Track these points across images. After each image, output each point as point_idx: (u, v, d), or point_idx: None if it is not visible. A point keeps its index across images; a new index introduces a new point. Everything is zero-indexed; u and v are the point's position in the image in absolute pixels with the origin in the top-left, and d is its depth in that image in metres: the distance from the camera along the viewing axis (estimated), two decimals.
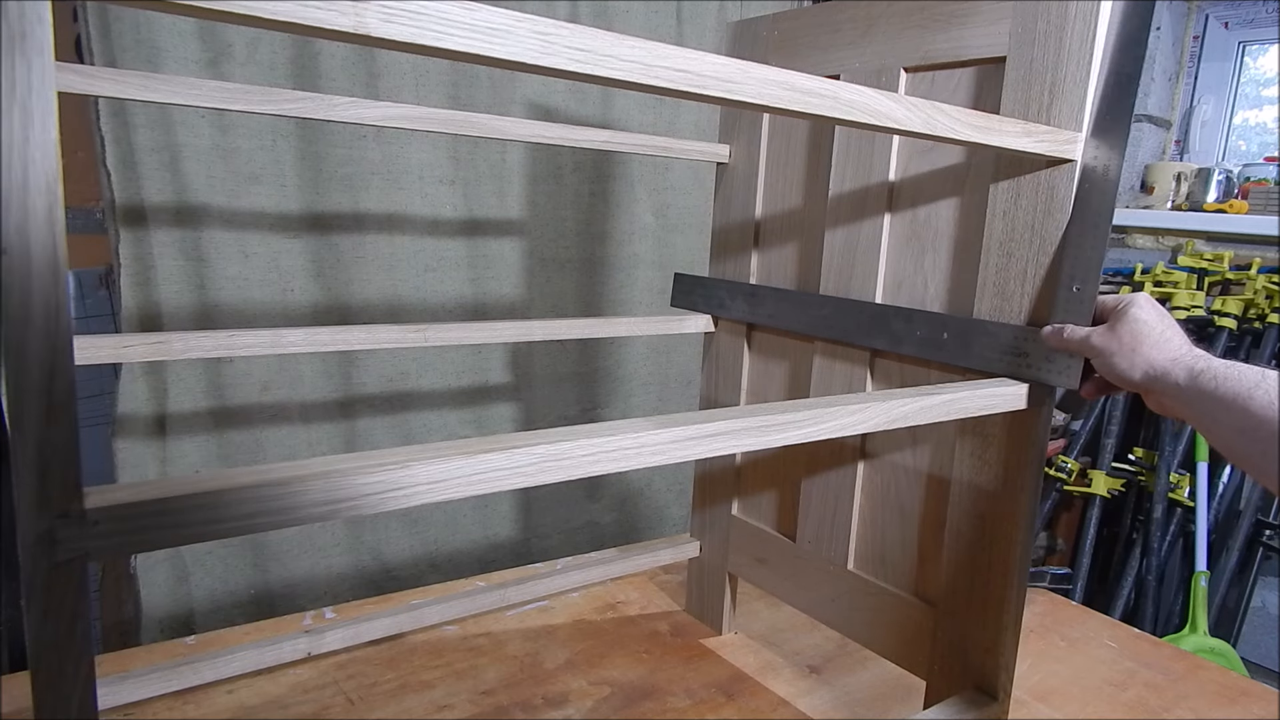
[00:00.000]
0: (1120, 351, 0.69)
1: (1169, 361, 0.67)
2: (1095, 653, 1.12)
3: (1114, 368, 0.69)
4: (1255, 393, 0.61)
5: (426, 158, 1.41)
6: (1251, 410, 0.61)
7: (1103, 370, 0.71)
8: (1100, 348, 0.70)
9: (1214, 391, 0.63)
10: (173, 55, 1.18)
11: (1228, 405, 0.62)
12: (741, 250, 1.06)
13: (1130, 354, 0.68)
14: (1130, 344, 0.68)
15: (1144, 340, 0.68)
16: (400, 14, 0.38)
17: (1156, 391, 0.68)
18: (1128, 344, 0.68)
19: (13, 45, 0.31)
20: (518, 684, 0.98)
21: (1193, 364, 0.66)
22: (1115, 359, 0.69)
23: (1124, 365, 0.69)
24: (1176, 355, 0.67)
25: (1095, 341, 0.70)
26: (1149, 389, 0.69)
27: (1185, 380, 0.65)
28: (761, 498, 1.08)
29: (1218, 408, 0.63)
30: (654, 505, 1.81)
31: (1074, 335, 0.72)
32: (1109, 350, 0.69)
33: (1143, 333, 0.68)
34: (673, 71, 0.48)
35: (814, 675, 1.04)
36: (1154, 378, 0.67)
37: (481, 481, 0.46)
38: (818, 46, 0.95)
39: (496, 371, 1.57)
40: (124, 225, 1.19)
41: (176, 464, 1.28)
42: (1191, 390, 0.65)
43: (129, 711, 0.87)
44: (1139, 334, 0.68)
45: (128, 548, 0.37)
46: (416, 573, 1.51)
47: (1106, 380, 0.72)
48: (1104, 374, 0.71)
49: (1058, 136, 0.72)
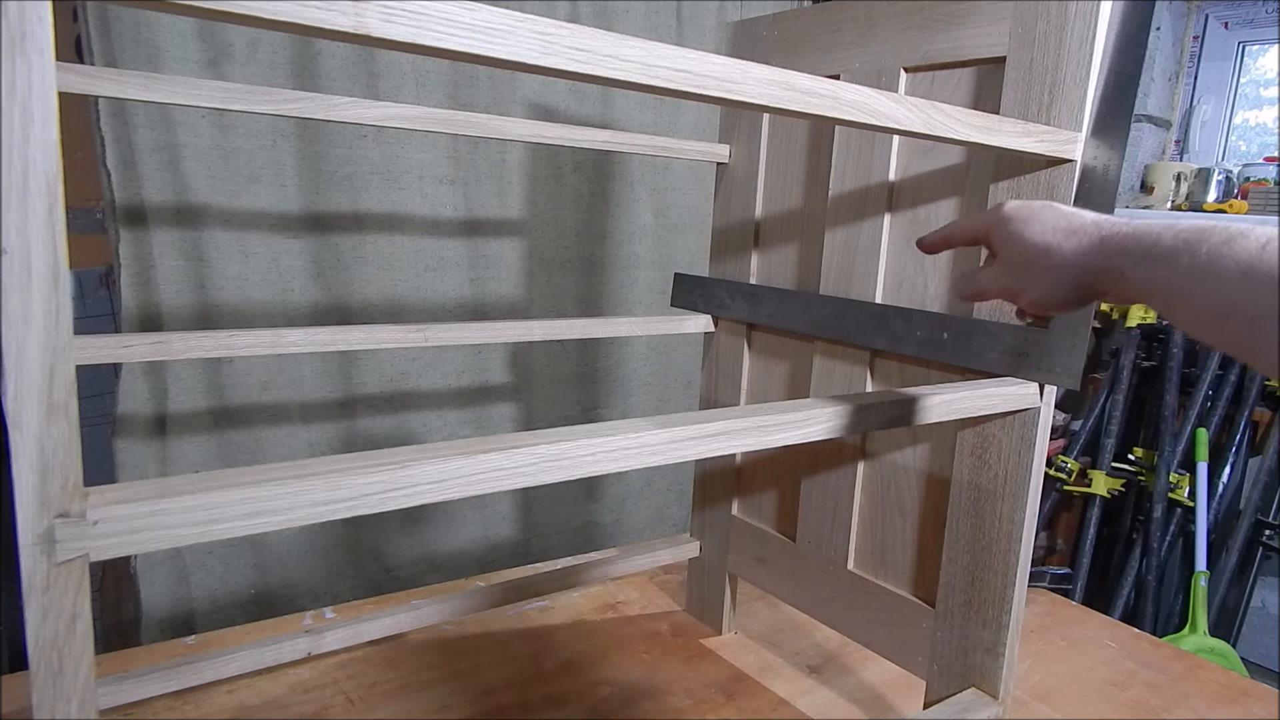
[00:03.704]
0: (1026, 283, 0.56)
1: (1078, 254, 0.52)
2: (1095, 653, 1.12)
3: (1040, 302, 0.56)
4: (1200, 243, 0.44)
5: (426, 158, 1.41)
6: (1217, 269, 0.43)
7: (1032, 308, 0.58)
8: (1001, 289, 0.59)
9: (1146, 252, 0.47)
10: (173, 55, 1.18)
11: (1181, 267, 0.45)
12: (741, 250, 1.06)
13: (1038, 279, 0.55)
14: (1026, 267, 0.56)
15: (1036, 252, 0.55)
16: (400, 14, 0.38)
17: (1100, 293, 0.53)
18: (1024, 269, 0.56)
19: (13, 45, 0.31)
20: (518, 684, 0.98)
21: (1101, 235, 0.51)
22: (1029, 293, 0.56)
23: (1039, 294, 0.55)
24: (1079, 243, 0.52)
25: (991, 285, 0.60)
26: (1087, 298, 0.54)
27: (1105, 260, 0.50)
28: (761, 498, 1.08)
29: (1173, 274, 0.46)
30: (654, 505, 1.81)
31: (970, 289, 0.62)
32: (1014, 288, 0.58)
33: (1029, 243, 0.55)
34: (673, 71, 0.48)
35: (814, 675, 1.04)
36: (1082, 285, 0.53)
37: (481, 481, 0.46)
38: (818, 46, 0.95)
39: (496, 371, 1.57)
40: (124, 225, 1.19)
41: (176, 464, 1.28)
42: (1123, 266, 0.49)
43: (129, 711, 0.87)
44: (1026, 247, 0.55)
45: (128, 548, 0.37)
46: (416, 573, 1.51)
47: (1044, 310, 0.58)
48: (1034, 310, 0.58)
49: (1057, 136, 0.72)
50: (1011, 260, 0.57)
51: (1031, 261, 0.55)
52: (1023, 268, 0.56)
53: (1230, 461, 2.13)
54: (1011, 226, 0.57)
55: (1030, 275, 0.56)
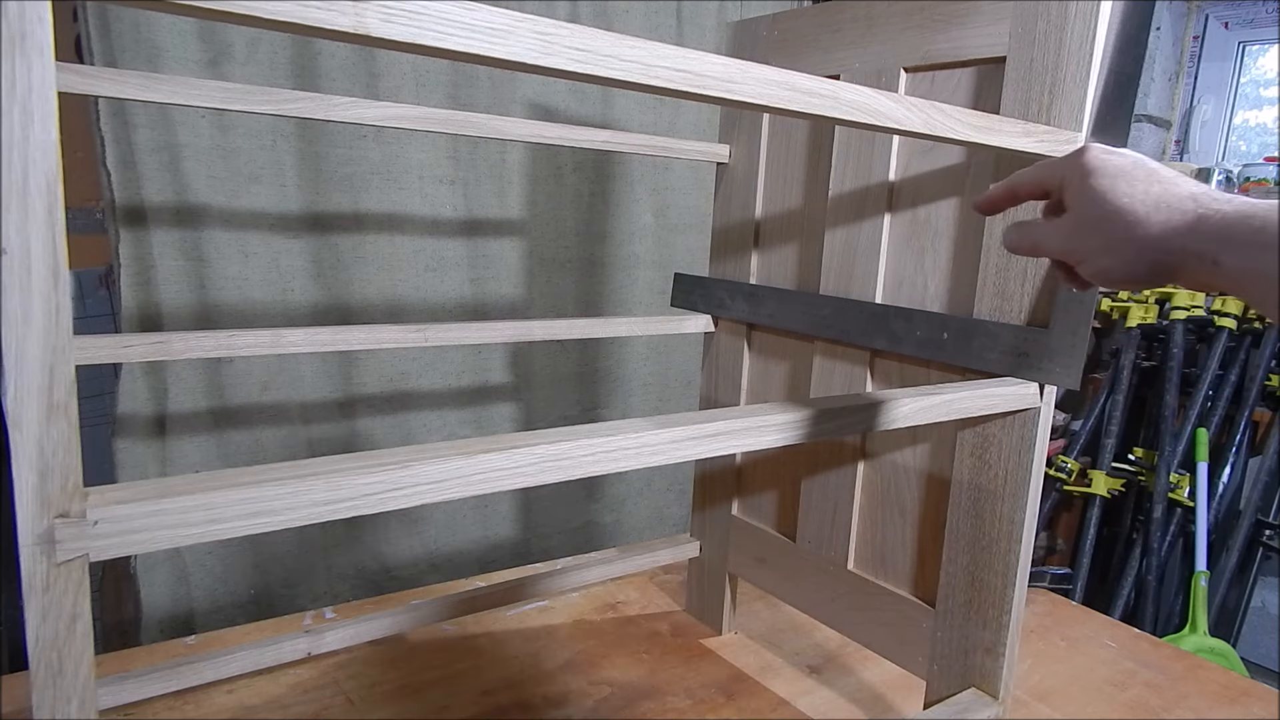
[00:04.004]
0: (1095, 250, 0.48)
1: (1166, 232, 0.45)
2: (1095, 653, 1.12)
3: (1105, 275, 0.49)
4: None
5: (426, 158, 1.41)
6: None
7: (1094, 278, 0.50)
8: (1063, 250, 0.51)
9: None
10: (173, 55, 1.18)
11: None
12: (741, 250, 1.06)
13: (1111, 250, 0.48)
14: (1100, 233, 0.48)
15: (1117, 218, 0.47)
16: (400, 14, 0.38)
17: (1177, 277, 0.46)
18: (1097, 234, 0.48)
19: (13, 45, 0.31)
20: (518, 684, 0.98)
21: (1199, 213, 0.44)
22: (1096, 262, 0.49)
23: (1109, 265, 0.48)
24: (1170, 219, 0.45)
25: (1050, 242, 0.52)
26: (1160, 279, 0.47)
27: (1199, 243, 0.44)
28: (761, 498, 1.08)
29: None
30: (654, 505, 1.81)
31: (1024, 242, 0.54)
32: (1079, 252, 0.50)
33: (1111, 206, 0.47)
34: (673, 71, 0.48)
35: (814, 675, 1.04)
36: (1160, 265, 0.46)
37: (481, 481, 0.46)
38: (818, 46, 0.95)
39: (497, 372, 1.57)
40: (124, 225, 1.19)
41: (176, 464, 1.28)
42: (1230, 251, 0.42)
43: (129, 711, 0.87)
44: (1106, 210, 0.47)
45: (128, 548, 0.37)
46: (416, 573, 1.51)
47: (1107, 284, 0.51)
48: (1095, 281, 0.51)
49: (1058, 136, 0.72)
50: (1084, 220, 0.49)
51: (1109, 228, 0.47)
52: (1096, 233, 0.48)
53: (1230, 461, 2.13)
54: (1093, 181, 0.48)
55: (1102, 243, 0.48)
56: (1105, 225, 0.47)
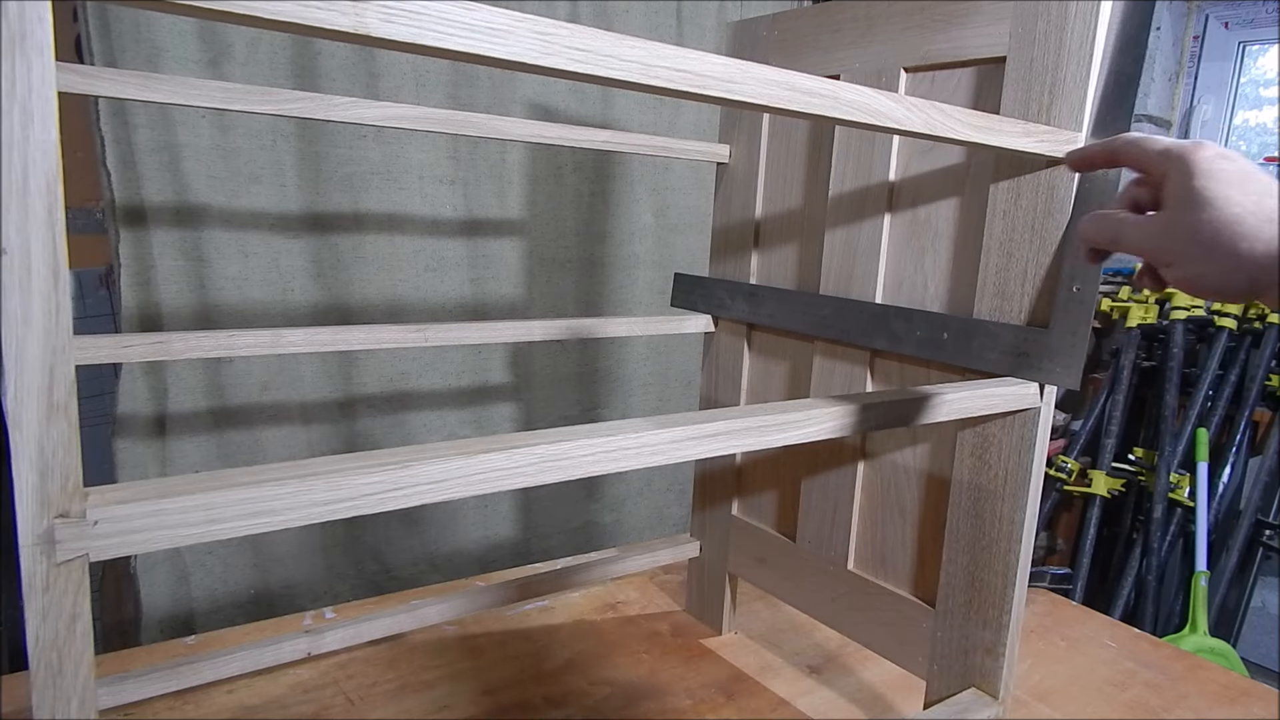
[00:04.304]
0: (1190, 257, 0.45)
1: (1273, 250, 0.43)
2: (1095, 653, 1.12)
3: (1195, 284, 0.46)
4: None
5: (426, 158, 1.41)
6: None
7: (1179, 285, 0.47)
8: (1151, 250, 0.48)
9: None
10: (173, 55, 1.18)
11: None
12: (741, 250, 1.06)
13: (1210, 260, 0.45)
14: (1200, 241, 0.45)
15: (1224, 227, 0.44)
16: (400, 14, 0.38)
17: (1271, 296, 0.44)
18: (1196, 240, 0.45)
19: (13, 45, 0.31)
20: (518, 684, 0.98)
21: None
22: (1187, 268, 0.46)
23: (1201, 273, 0.45)
24: None
25: (1136, 240, 0.49)
26: (1253, 297, 0.45)
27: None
28: (761, 498, 1.08)
29: None
30: (654, 505, 1.81)
31: (1104, 235, 0.51)
32: (1169, 255, 0.47)
33: (1218, 214, 0.44)
34: (673, 71, 0.48)
35: (814, 675, 1.04)
36: (1259, 284, 0.44)
37: (481, 481, 0.46)
38: (818, 46, 0.95)
39: (496, 371, 1.57)
40: (124, 225, 1.19)
41: (176, 464, 1.28)
42: None
43: (129, 711, 0.87)
44: (1212, 216, 0.44)
45: (128, 548, 0.37)
46: (416, 573, 1.51)
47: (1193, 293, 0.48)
48: (1180, 288, 0.48)
49: (1058, 136, 0.72)
50: (1183, 223, 0.46)
51: (1212, 236, 0.44)
52: (1194, 239, 0.45)
53: (1230, 461, 2.13)
54: (1200, 182, 0.45)
55: (1201, 251, 0.45)
56: (1208, 232, 0.44)
